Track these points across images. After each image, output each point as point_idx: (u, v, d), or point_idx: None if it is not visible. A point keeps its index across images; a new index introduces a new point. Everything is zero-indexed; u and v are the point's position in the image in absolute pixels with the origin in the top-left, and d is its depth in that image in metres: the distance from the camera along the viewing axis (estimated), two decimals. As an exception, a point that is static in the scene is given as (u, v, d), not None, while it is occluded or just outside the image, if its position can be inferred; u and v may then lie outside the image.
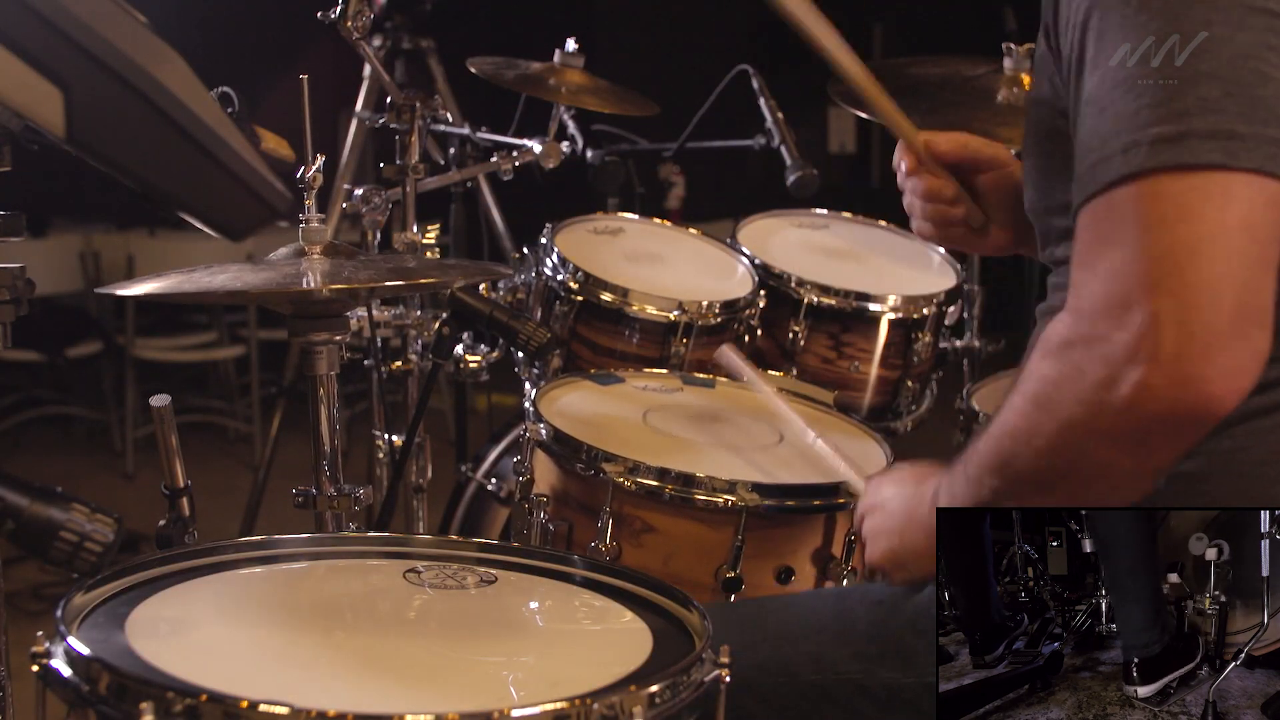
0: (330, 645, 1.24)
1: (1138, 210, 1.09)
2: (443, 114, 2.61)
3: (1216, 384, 1.06)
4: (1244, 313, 1.07)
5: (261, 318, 5.97)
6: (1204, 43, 1.09)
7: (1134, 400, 1.07)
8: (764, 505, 1.73)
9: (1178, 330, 1.06)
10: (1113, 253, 1.10)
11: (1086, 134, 1.15)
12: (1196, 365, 1.06)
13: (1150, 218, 1.08)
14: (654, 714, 1.09)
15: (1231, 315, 1.06)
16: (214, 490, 4.19)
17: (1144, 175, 1.09)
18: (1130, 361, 1.07)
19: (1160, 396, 1.07)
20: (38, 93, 1.13)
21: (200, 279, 1.54)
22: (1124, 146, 1.10)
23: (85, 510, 1.51)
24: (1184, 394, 1.06)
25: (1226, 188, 1.07)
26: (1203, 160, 1.07)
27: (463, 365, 2.45)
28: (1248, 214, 1.07)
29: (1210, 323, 1.06)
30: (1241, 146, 1.07)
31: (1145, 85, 1.10)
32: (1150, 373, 1.06)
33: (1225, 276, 1.06)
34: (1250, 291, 1.07)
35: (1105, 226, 1.12)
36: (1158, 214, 1.08)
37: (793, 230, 2.69)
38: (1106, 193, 1.11)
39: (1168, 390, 1.07)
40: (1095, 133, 1.13)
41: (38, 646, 1.12)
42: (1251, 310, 1.07)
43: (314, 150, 1.70)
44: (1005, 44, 2.49)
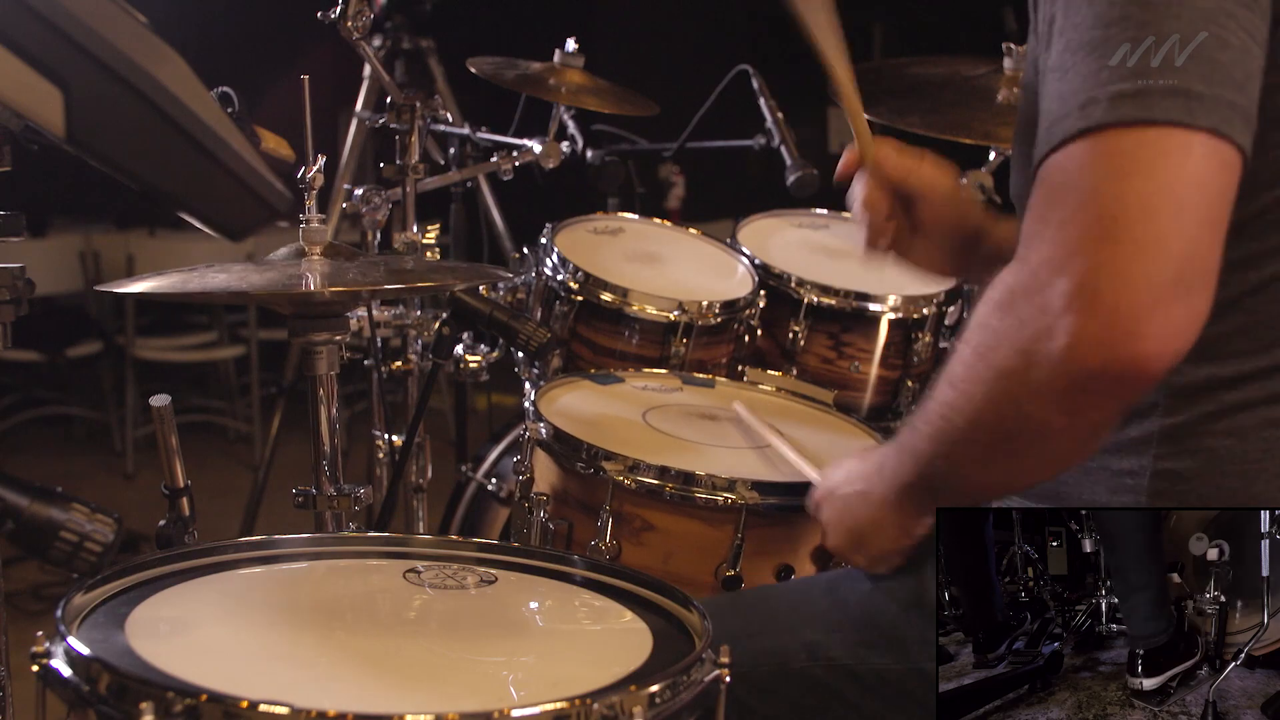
0: (330, 645, 1.24)
1: (1093, 163, 1.08)
2: (443, 114, 2.62)
3: (1151, 341, 1.04)
4: (1188, 272, 1.05)
5: (261, 318, 5.98)
6: (1166, 7, 1.08)
7: (1068, 351, 1.06)
8: (764, 503, 1.73)
9: (1118, 282, 1.04)
10: (1064, 204, 1.09)
11: (1049, 98, 1.14)
12: (1134, 319, 1.04)
13: (1105, 170, 1.07)
14: (654, 714, 1.09)
15: (1175, 273, 1.04)
16: (214, 490, 4.19)
17: (1101, 129, 1.08)
18: (1067, 310, 1.06)
19: (1094, 348, 1.05)
20: (38, 93, 1.13)
21: (201, 278, 1.54)
22: (1082, 103, 1.09)
23: (85, 510, 1.51)
24: (1118, 348, 1.05)
25: (1184, 144, 1.06)
26: (1160, 116, 1.06)
27: (463, 365, 2.45)
28: (1202, 173, 1.06)
29: (1152, 277, 1.04)
30: (1200, 106, 1.06)
31: (1107, 48, 1.09)
32: (1085, 323, 1.05)
33: (1174, 233, 1.04)
34: (1197, 251, 1.06)
35: (1059, 179, 1.11)
36: (1113, 167, 1.07)
37: (793, 230, 2.69)
38: (1063, 147, 1.10)
39: (1101, 343, 1.05)
40: (1056, 95, 1.13)
41: (38, 646, 1.12)
42: (1196, 270, 1.06)
43: (314, 150, 1.70)
44: (1005, 44, 2.49)
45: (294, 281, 1.52)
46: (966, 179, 2.60)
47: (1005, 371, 1.12)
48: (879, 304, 2.40)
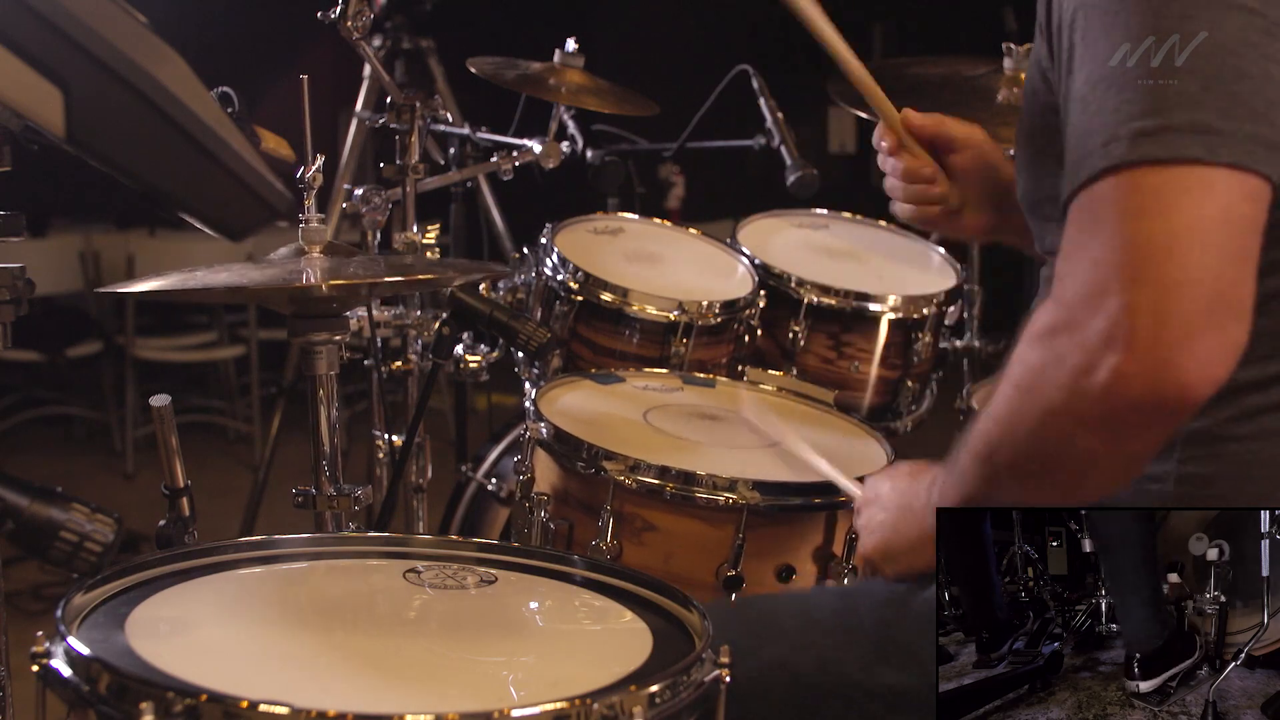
0: (330, 645, 1.24)
1: (1117, 202, 1.11)
2: (443, 114, 2.61)
3: (1190, 372, 1.07)
4: (1220, 304, 1.08)
5: (261, 318, 5.98)
6: (1183, 40, 1.10)
7: (1109, 386, 1.09)
8: (765, 503, 1.73)
9: (1153, 319, 1.07)
10: (1093, 243, 1.11)
11: (1072, 131, 1.17)
12: (1171, 353, 1.07)
13: (1129, 209, 1.10)
14: (654, 714, 1.09)
15: (1207, 306, 1.07)
16: (214, 490, 4.18)
17: (1124, 168, 1.10)
18: (1106, 348, 1.09)
19: (1135, 383, 1.08)
20: (38, 93, 1.13)
21: (201, 277, 1.54)
22: (1105, 141, 1.12)
23: (85, 510, 1.51)
24: (1158, 381, 1.08)
25: (1205, 181, 1.09)
26: (1181, 154, 1.09)
27: (463, 365, 2.45)
28: (1226, 208, 1.09)
29: (1185, 313, 1.07)
30: (1220, 141, 1.09)
31: (1126, 82, 1.12)
32: (1125, 360, 1.08)
33: (1201, 268, 1.07)
34: (1227, 284, 1.08)
35: (1087, 218, 1.13)
36: (1136, 205, 1.10)
37: (793, 230, 2.69)
38: (1088, 186, 1.13)
39: (1142, 377, 1.08)
40: (1080, 129, 1.16)
41: (38, 646, 1.12)
42: (1228, 302, 1.09)
43: (314, 150, 1.70)
44: (1005, 44, 2.49)
45: (293, 277, 1.52)
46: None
47: (1049, 406, 1.15)
48: (879, 304, 2.40)
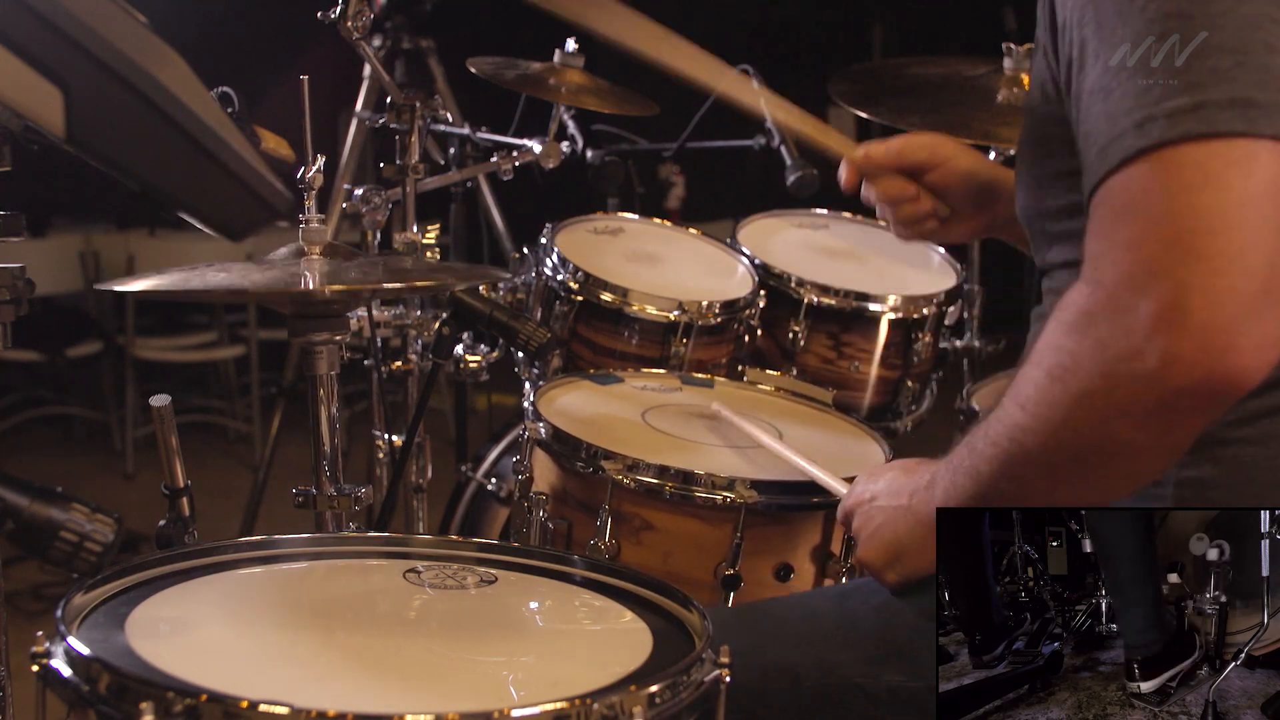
0: (330, 645, 1.24)
1: (1160, 180, 1.07)
2: (443, 114, 2.62)
3: (1246, 355, 1.03)
4: (1273, 281, 1.04)
5: (261, 318, 5.98)
6: (1208, 19, 1.08)
7: (1160, 372, 1.05)
8: (763, 502, 1.73)
9: (1206, 299, 1.03)
10: (1133, 223, 1.07)
11: (1094, 121, 1.13)
12: (1227, 335, 1.03)
13: (1174, 186, 1.06)
14: (654, 714, 1.09)
15: (1262, 284, 1.03)
16: (214, 490, 4.19)
17: (1163, 146, 1.06)
18: (1156, 332, 1.04)
19: (1188, 368, 1.04)
20: (38, 93, 1.13)
21: (201, 276, 1.54)
22: (1138, 122, 1.08)
23: (85, 510, 1.51)
24: (1213, 365, 1.03)
25: (1250, 153, 1.05)
26: (1223, 128, 1.05)
27: (463, 365, 2.45)
28: (1273, 180, 1.05)
29: (1241, 291, 1.03)
30: (1261, 114, 1.06)
31: (1153, 68, 1.09)
32: (1178, 343, 1.04)
33: (1255, 244, 1.03)
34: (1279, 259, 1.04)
35: (1123, 200, 1.09)
36: (1182, 182, 1.05)
37: (793, 230, 2.69)
38: (1122, 169, 1.09)
39: (1196, 361, 1.04)
40: (1104, 115, 1.12)
41: (38, 646, 1.12)
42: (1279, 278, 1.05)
43: (314, 150, 1.70)
44: (1005, 44, 2.49)
45: (294, 280, 1.52)
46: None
47: (1087, 393, 1.11)
48: (879, 304, 2.40)
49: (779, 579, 1.78)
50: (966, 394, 2.54)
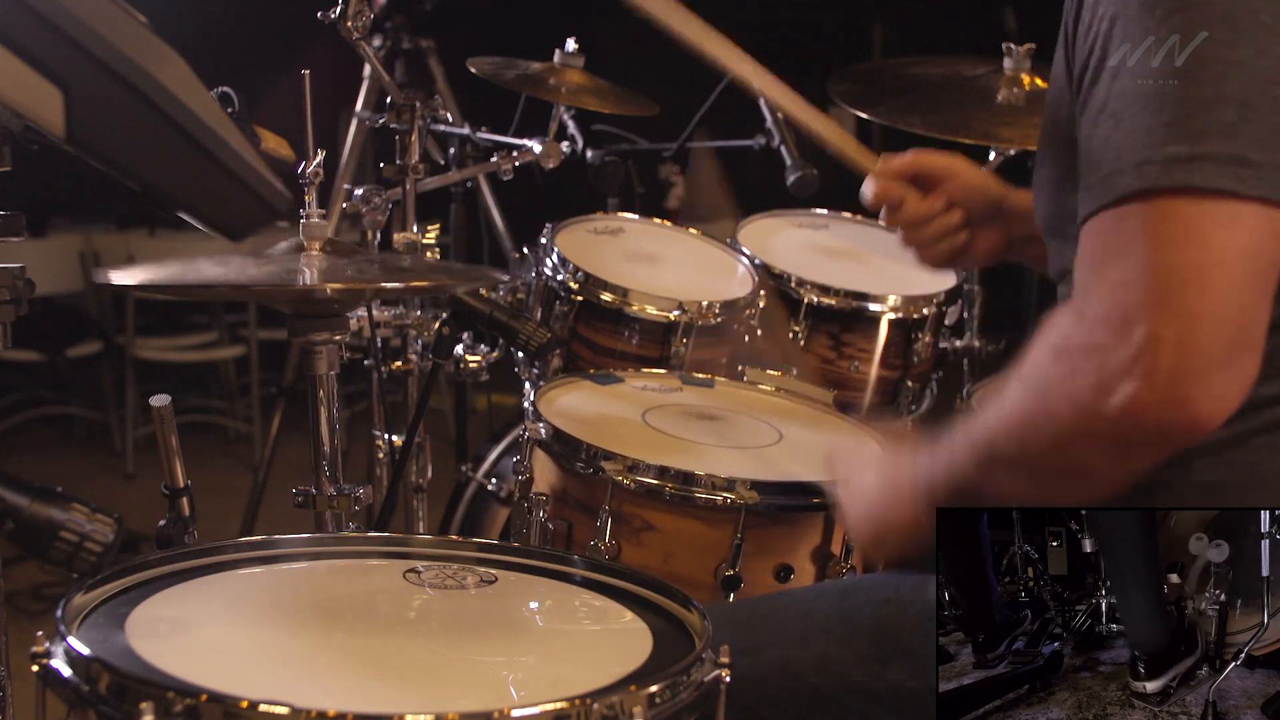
0: (330, 645, 1.24)
1: (1148, 227, 1.12)
2: (443, 114, 2.61)
3: (1205, 405, 1.10)
4: (1239, 339, 1.10)
5: (261, 317, 5.97)
6: (1223, 65, 1.11)
7: (1124, 412, 1.10)
8: (763, 503, 1.73)
9: (1176, 351, 1.08)
10: (1121, 265, 1.12)
11: (1100, 144, 1.17)
12: (1189, 387, 1.09)
13: (1160, 237, 1.11)
14: (654, 714, 1.09)
15: (1228, 342, 1.09)
16: (214, 490, 4.18)
17: (1156, 194, 1.11)
18: (1126, 375, 1.10)
19: (1149, 412, 1.10)
20: (38, 93, 1.13)
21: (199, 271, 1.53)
22: (1138, 161, 1.12)
23: (85, 510, 1.51)
24: (1173, 413, 1.10)
25: (1235, 215, 1.10)
26: (1213, 185, 1.10)
27: (463, 365, 2.45)
28: (1253, 242, 1.10)
29: (1207, 348, 1.09)
30: (1252, 174, 1.09)
31: (1163, 100, 1.12)
32: (1143, 389, 1.09)
33: (1226, 303, 1.09)
34: (1247, 318, 1.10)
35: (1115, 238, 1.14)
36: (1167, 234, 1.11)
37: (793, 230, 2.69)
38: (1118, 206, 1.14)
39: (1158, 407, 1.10)
40: (1110, 143, 1.16)
41: (38, 646, 1.12)
42: (1246, 336, 1.11)
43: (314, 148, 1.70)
44: (1005, 44, 2.49)
45: (292, 275, 1.52)
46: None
47: (1053, 413, 1.17)
48: (879, 304, 2.40)
49: (779, 580, 1.78)
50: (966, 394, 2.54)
